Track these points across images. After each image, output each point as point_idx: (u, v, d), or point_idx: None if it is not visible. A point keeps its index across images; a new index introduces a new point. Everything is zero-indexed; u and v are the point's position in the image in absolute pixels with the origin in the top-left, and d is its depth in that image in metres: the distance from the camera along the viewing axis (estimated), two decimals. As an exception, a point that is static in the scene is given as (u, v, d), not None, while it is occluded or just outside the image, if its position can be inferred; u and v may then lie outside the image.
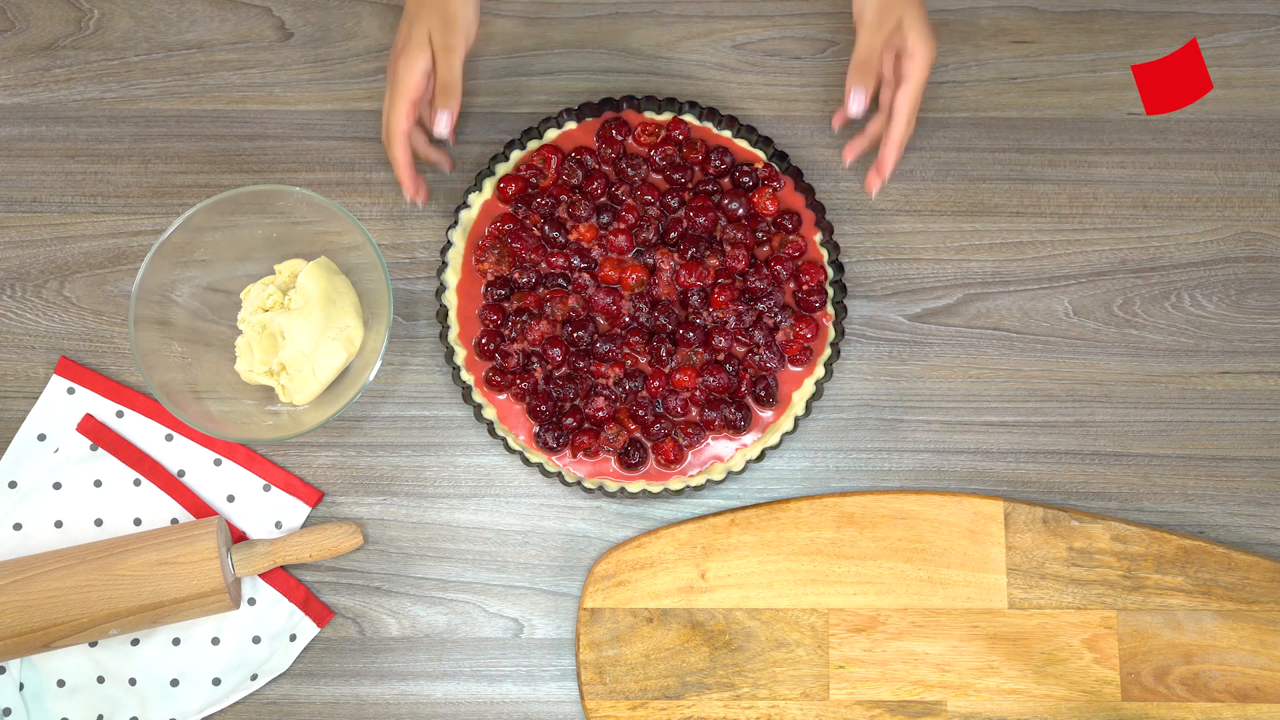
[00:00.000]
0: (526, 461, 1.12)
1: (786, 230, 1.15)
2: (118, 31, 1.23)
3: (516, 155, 1.17)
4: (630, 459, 1.12)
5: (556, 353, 1.12)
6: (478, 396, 1.13)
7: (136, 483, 1.14)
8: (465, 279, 1.15)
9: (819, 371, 1.14)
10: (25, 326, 1.18)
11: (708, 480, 1.12)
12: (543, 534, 1.16)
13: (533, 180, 1.16)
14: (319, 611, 1.13)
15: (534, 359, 1.13)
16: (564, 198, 1.15)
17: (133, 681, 1.12)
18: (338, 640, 1.14)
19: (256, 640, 1.13)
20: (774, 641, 1.12)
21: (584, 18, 1.22)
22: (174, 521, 1.14)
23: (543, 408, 1.12)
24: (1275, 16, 1.23)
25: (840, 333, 1.14)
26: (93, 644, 1.12)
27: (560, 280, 1.14)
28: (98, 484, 1.14)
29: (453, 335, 1.14)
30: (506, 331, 1.13)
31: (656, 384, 1.13)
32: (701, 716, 1.11)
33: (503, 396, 1.13)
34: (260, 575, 1.13)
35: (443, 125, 1.08)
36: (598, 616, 1.12)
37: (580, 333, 1.13)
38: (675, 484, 1.12)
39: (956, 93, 1.22)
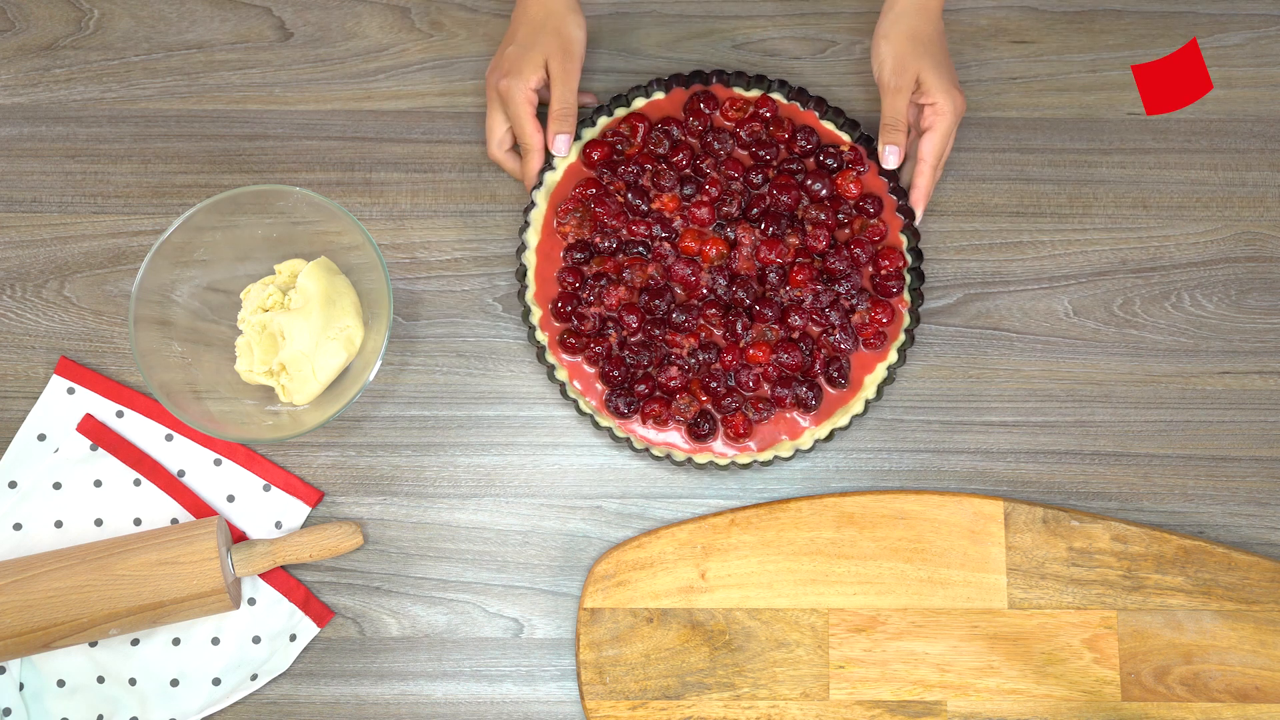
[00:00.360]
0: (596, 425, 1.13)
1: (868, 214, 1.15)
2: (118, 31, 1.23)
3: (603, 122, 1.17)
4: (700, 430, 1.12)
5: (632, 319, 1.13)
6: (550, 357, 1.14)
7: (136, 483, 1.14)
8: (545, 240, 1.16)
9: (892, 356, 1.14)
10: (25, 326, 1.18)
11: (775, 457, 1.12)
12: (543, 534, 1.16)
13: (619, 147, 1.16)
14: (319, 611, 1.13)
15: (610, 324, 1.14)
16: (648, 166, 1.16)
17: (133, 681, 1.12)
18: (338, 640, 1.14)
19: (256, 640, 1.13)
20: (774, 641, 1.12)
21: (584, 17, 1.22)
22: (174, 521, 1.14)
23: (615, 373, 1.13)
24: (1275, 16, 1.23)
25: (915, 319, 1.14)
26: (93, 644, 1.12)
27: (639, 248, 1.15)
28: (98, 484, 1.14)
29: (529, 295, 1.15)
30: (584, 295, 1.14)
31: (730, 357, 1.13)
32: (701, 716, 1.11)
33: (577, 359, 1.14)
34: (260, 575, 1.13)
35: (562, 145, 1.14)
36: (598, 616, 1.12)
37: (657, 301, 1.13)
38: (743, 459, 1.13)
39: (956, 93, 1.22)
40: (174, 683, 1.12)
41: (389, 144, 1.21)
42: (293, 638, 1.13)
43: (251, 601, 1.13)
